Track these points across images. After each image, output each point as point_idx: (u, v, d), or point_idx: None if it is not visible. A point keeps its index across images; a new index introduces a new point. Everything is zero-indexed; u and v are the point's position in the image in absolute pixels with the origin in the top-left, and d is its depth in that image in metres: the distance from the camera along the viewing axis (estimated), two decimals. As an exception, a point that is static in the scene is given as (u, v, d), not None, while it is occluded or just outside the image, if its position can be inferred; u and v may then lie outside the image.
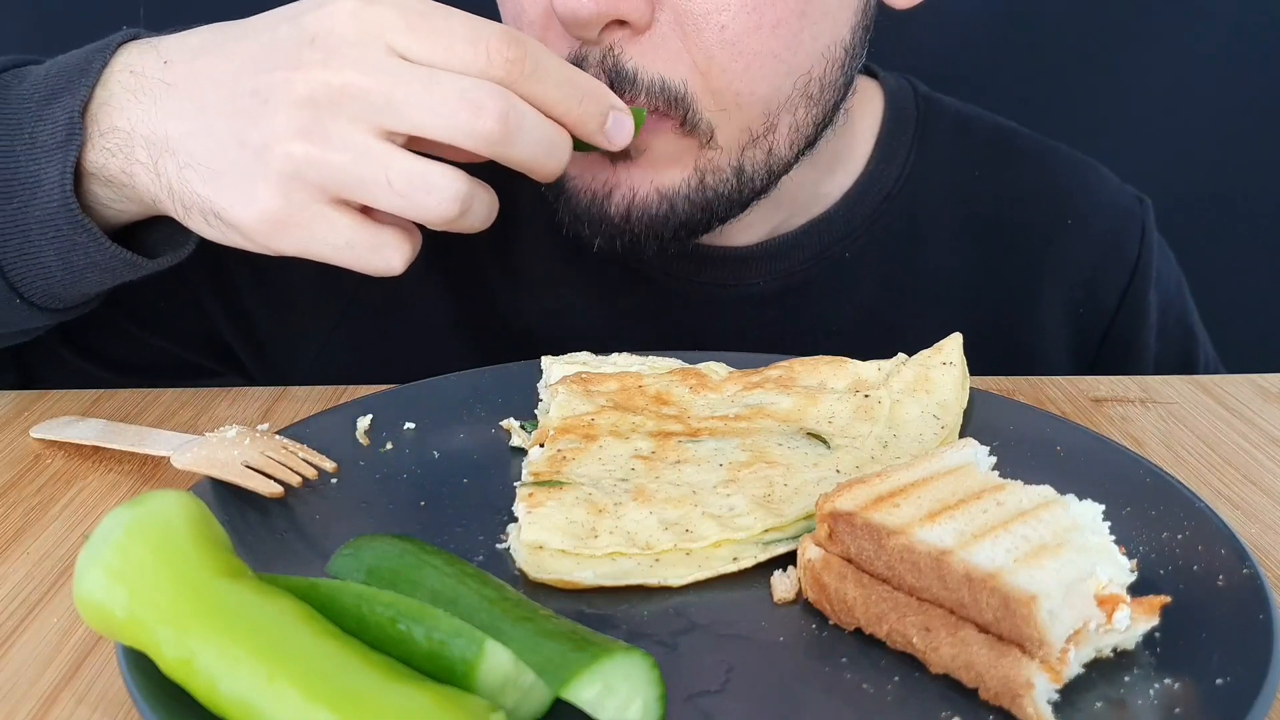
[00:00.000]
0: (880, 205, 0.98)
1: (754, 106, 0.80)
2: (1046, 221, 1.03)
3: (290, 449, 0.67)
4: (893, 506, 0.53)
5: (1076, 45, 1.40)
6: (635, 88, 0.76)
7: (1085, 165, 1.07)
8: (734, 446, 0.67)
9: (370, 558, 0.55)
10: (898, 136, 1.00)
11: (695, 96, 0.77)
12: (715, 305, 0.97)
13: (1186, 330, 1.10)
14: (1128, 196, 1.07)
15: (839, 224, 0.97)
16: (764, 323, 0.97)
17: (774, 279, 0.97)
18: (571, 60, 0.76)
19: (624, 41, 0.75)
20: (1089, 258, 1.03)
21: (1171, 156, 1.43)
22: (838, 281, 0.98)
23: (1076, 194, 1.05)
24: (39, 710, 0.52)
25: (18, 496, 0.71)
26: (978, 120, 1.06)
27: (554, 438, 0.68)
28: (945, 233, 1.01)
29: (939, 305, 1.00)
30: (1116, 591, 0.49)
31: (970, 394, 0.72)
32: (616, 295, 0.98)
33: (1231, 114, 1.43)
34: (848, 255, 0.98)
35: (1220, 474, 0.74)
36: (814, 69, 0.81)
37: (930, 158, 1.01)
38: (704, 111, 0.78)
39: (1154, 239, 1.05)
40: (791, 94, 0.81)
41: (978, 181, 1.02)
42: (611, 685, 0.46)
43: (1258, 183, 1.46)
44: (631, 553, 0.58)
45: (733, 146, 0.81)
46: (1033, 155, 1.06)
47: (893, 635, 0.52)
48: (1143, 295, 1.04)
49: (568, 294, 0.99)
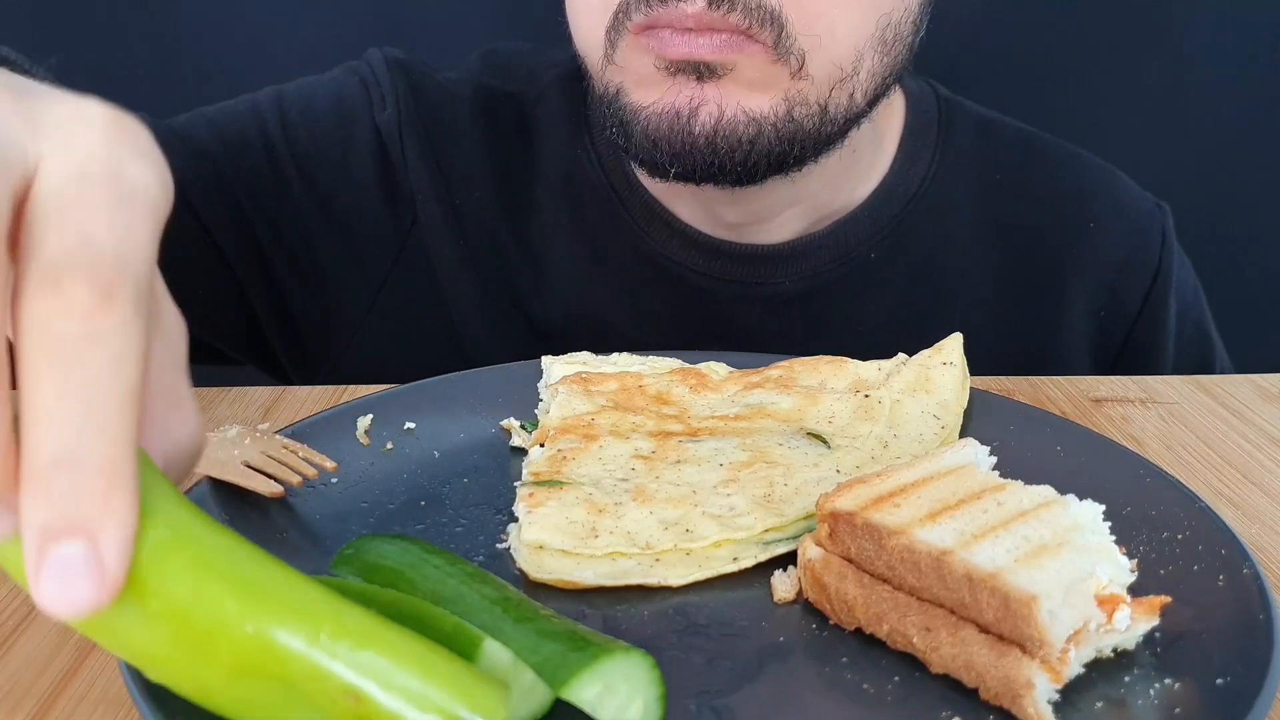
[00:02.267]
0: (905, 207, 0.99)
1: (844, 39, 0.80)
2: (1069, 225, 1.03)
3: (290, 449, 0.67)
4: (893, 506, 0.53)
5: (1081, 52, 1.41)
6: (733, 3, 0.75)
7: (1106, 171, 1.08)
8: (734, 446, 0.67)
9: (371, 558, 0.55)
10: (921, 139, 1.00)
11: (790, 18, 0.77)
12: (742, 304, 0.97)
13: (1204, 336, 1.10)
14: (1148, 202, 1.07)
15: (865, 225, 0.98)
16: (790, 322, 0.97)
17: (800, 279, 0.97)
18: None
19: None
20: (1112, 261, 1.03)
21: (1170, 159, 1.43)
22: (863, 282, 0.98)
23: (1099, 198, 1.05)
24: (39, 710, 0.52)
25: (18, 496, 0.71)
26: (999, 124, 1.06)
27: (554, 438, 0.68)
28: (968, 235, 1.01)
29: (963, 307, 1.00)
30: (1116, 591, 0.49)
31: (970, 394, 0.72)
32: (642, 293, 0.98)
33: (1231, 116, 1.43)
34: (873, 256, 0.98)
35: (1220, 474, 0.74)
36: (893, 12, 0.82)
37: (953, 161, 1.01)
38: (796, 35, 0.78)
39: (1174, 244, 1.06)
40: (873, 34, 0.81)
41: (1000, 185, 1.03)
42: (612, 685, 0.46)
43: (1258, 184, 1.46)
44: (631, 553, 0.58)
45: (823, 81, 0.81)
46: (1054, 159, 1.06)
47: (893, 635, 0.52)
48: (1164, 299, 1.05)
49: (595, 292, 0.99)
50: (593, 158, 0.99)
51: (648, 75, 0.81)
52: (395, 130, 0.98)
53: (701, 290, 0.97)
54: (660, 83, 0.80)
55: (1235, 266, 1.46)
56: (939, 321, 0.98)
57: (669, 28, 0.77)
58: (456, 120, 1.00)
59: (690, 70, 0.79)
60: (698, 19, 0.76)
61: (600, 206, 0.98)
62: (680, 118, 0.80)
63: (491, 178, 1.00)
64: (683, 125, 0.80)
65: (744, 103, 0.80)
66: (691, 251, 0.96)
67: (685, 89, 0.80)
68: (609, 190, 0.98)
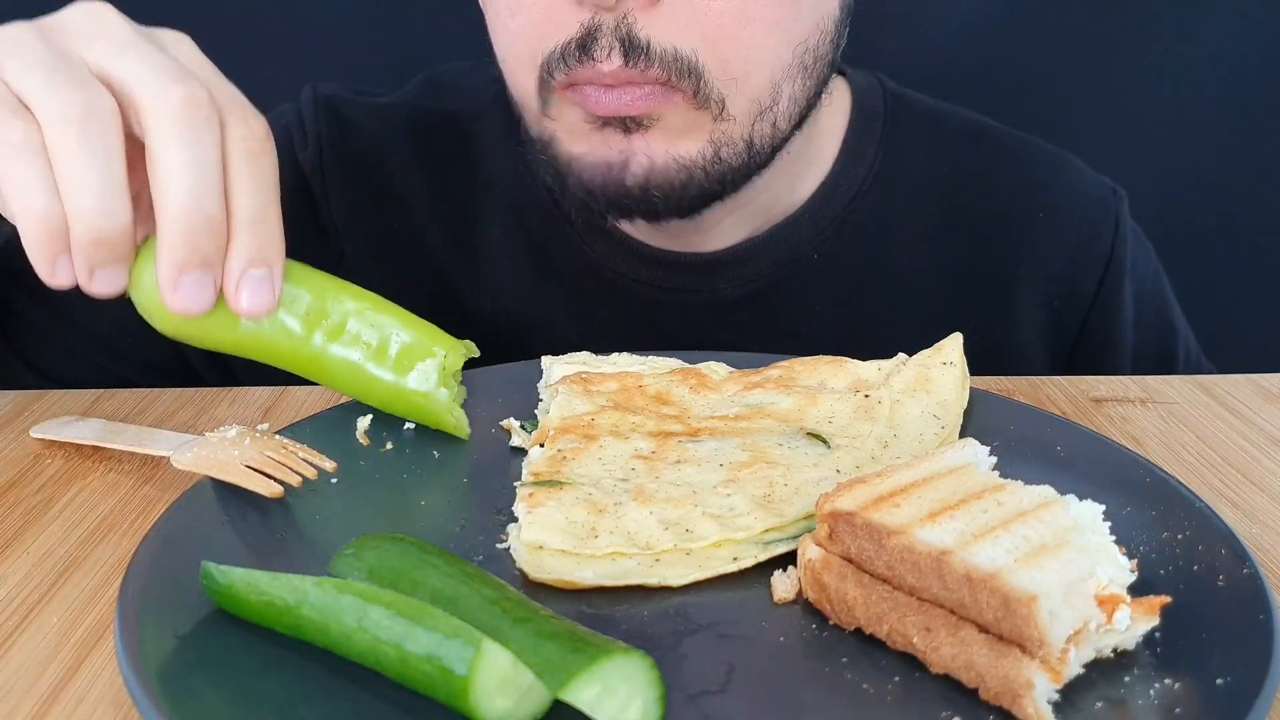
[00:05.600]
0: (848, 206, 0.98)
1: (760, 75, 0.81)
2: (1019, 215, 1.02)
3: (290, 449, 0.67)
4: (893, 506, 0.53)
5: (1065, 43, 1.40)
6: (649, 58, 0.77)
7: (1058, 157, 1.06)
8: (734, 446, 0.67)
9: (371, 558, 0.55)
10: (865, 135, 1.00)
11: (706, 65, 0.78)
12: (685, 311, 0.98)
13: (1166, 323, 1.09)
14: (1101, 187, 1.06)
15: (806, 227, 0.98)
16: (734, 327, 0.97)
17: (743, 284, 0.97)
18: (584, 34, 0.77)
19: (639, 10, 0.76)
20: (1063, 250, 1.02)
21: (1171, 159, 1.42)
22: (807, 284, 0.98)
23: (1049, 186, 1.04)
24: (39, 710, 0.52)
25: (18, 496, 0.71)
26: (949, 115, 1.05)
27: (554, 438, 0.68)
28: (917, 230, 1.00)
29: (912, 304, 1.00)
30: (1117, 592, 0.49)
31: (970, 394, 0.72)
32: (588, 304, 0.99)
33: (1232, 116, 1.43)
34: (816, 257, 0.98)
35: (1220, 474, 0.74)
36: (809, 39, 0.83)
37: (899, 155, 1.00)
38: (714, 81, 0.79)
39: (1128, 230, 1.04)
40: (791, 63, 0.82)
41: (949, 177, 1.02)
42: (611, 686, 0.46)
43: (1259, 183, 1.46)
44: (631, 553, 0.58)
45: (744, 118, 0.82)
46: (1005, 148, 1.05)
47: (893, 635, 0.52)
48: (1118, 287, 1.03)
49: (541, 304, 0.99)
50: (533, 170, 0.99)
51: (577, 126, 0.82)
52: (317, 167, 1.00)
53: (646, 299, 0.97)
54: (590, 135, 0.82)
55: (1236, 266, 1.46)
56: (887, 320, 0.98)
57: (590, 84, 0.79)
58: (391, 145, 1.01)
59: (617, 124, 0.80)
60: (615, 75, 0.78)
61: (543, 220, 0.99)
62: (612, 169, 0.83)
63: (430, 198, 1.01)
64: (615, 176, 0.83)
65: (672, 150, 0.82)
66: (634, 262, 0.97)
67: (614, 142, 0.82)
68: (551, 204, 0.98)
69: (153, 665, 0.48)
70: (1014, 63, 1.40)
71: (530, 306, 0.99)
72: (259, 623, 0.52)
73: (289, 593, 0.50)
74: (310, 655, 0.51)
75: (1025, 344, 1.02)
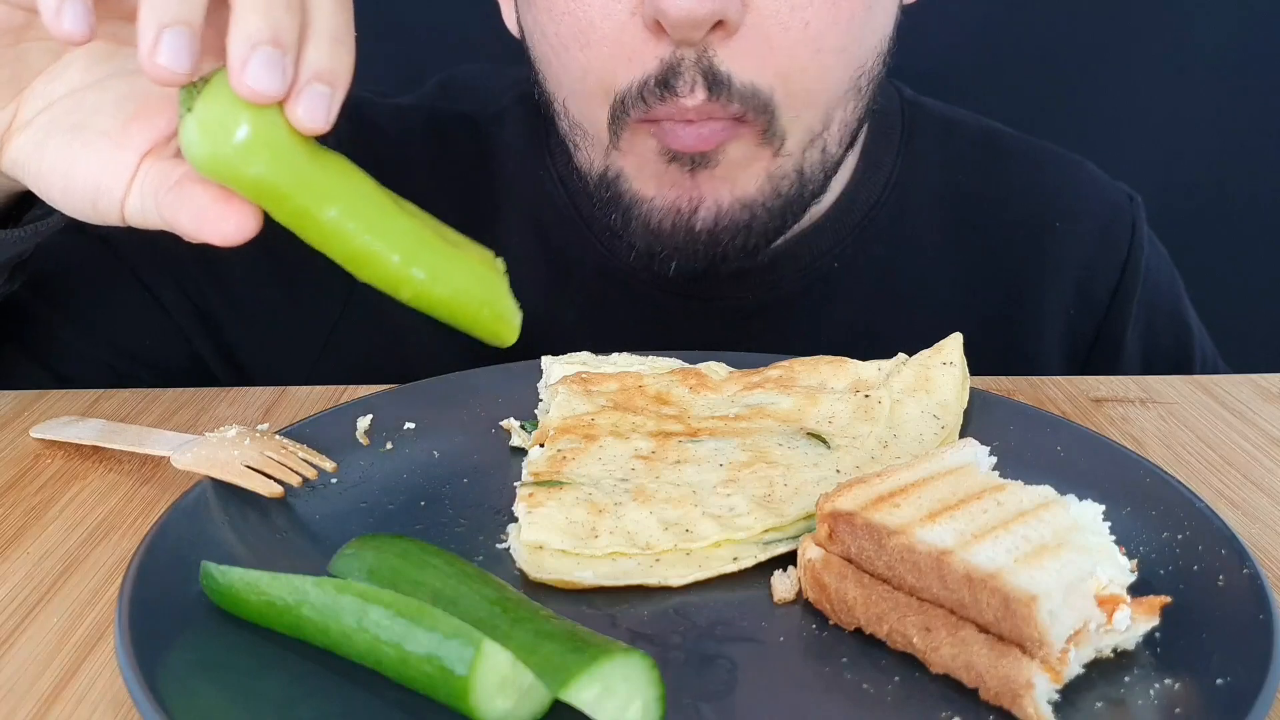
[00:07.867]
0: (867, 214, 0.98)
1: (819, 106, 0.81)
2: (1035, 222, 1.02)
3: (290, 449, 0.67)
4: (893, 506, 0.53)
5: (1071, 44, 1.40)
6: (730, 94, 0.77)
7: (1073, 163, 1.07)
8: (734, 446, 0.67)
9: (371, 558, 0.55)
10: (883, 144, 1.00)
11: (779, 103, 0.79)
12: (706, 320, 0.97)
13: (1182, 326, 1.09)
14: (1118, 193, 1.06)
15: (827, 235, 0.97)
16: (754, 335, 0.97)
17: (764, 292, 0.97)
18: (664, 69, 0.77)
19: (717, 44, 0.76)
20: (1079, 256, 1.03)
21: (1173, 155, 1.43)
22: (828, 293, 0.98)
23: (1065, 193, 1.04)
24: (39, 710, 0.52)
25: (18, 496, 0.71)
26: (963, 123, 1.05)
27: (554, 438, 0.68)
28: (934, 238, 1.01)
29: (931, 311, 1.00)
30: (1116, 592, 0.49)
31: (970, 394, 0.72)
32: (606, 310, 0.98)
33: (1233, 116, 1.43)
34: (836, 266, 0.98)
35: (1220, 474, 0.74)
36: (867, 63, 0.82)
37: (916, 163, 1.00)
38: (783, 118, 0.79)
39: (1145, 235, 1.05)
40: (848, 89, 0.82)
41: (965, 185, 1.02)
42: (611, 686, 0.46)
43: (1259, 182, 1.46)
44: (631, 553, 0.58)
45: (796, 150, 0.82)
46: (1019, 155, 1.05)
47: (893, 635, 0.52)
48: (1134, 292, 1.04)
49: (558, 309, 0.99)
50: (554, 176, 0.99)
51: (647, 160, 0.82)
52: None
53: (664, 307, 0.97)
54: (659, 171, 0.82)
55: (1236, 266, 1.46)
56: (906, 328, 0.98)
57: (670, 120, 0.79)
58: (407, 148, 1.01)
59: (685, 159, 0.80)
60: (699, 110, 0.77)
61: (563, 224, 0.98)
62: (681, 215, 0.83)
63: (447, 200, 1.00)
64: (684, 222, 0.83)
65: (735, 190, 0.82)
66: (654, 269, 0.97)
67: (682, 183, 0.82)
68: (571, 209, 0.98)
69: (152, 665, 0.48)
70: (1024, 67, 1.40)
71: (547, 311, 0.98)
72: (258, 623, 0.52)
73: (289, 593, 0.50)
74: (310, 655, 0.51)
75: (1043, 349, 1.03)
